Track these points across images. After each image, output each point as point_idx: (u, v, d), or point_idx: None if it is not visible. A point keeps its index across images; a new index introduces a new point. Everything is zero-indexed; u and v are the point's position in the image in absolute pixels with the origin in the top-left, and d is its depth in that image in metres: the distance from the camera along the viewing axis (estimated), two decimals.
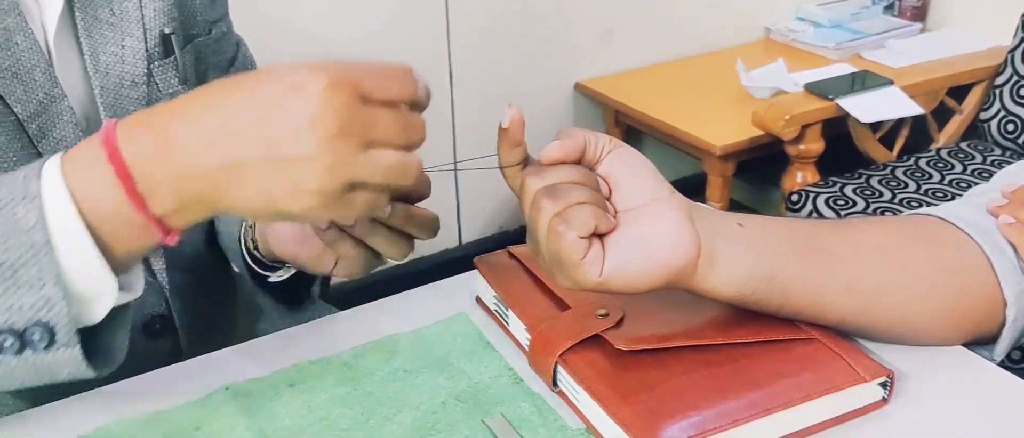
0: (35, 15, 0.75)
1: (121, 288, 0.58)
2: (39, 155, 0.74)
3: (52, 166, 0.55)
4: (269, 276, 0.83)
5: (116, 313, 0.60)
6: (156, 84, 0.81)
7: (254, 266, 0.82)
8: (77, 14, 0.77)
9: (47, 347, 0.56)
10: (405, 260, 0.70)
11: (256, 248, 0.81)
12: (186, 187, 0.55)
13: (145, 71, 0.80)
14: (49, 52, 0.75)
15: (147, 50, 0.80)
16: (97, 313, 0.58)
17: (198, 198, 0.55)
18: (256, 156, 0.53)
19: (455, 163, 0.65)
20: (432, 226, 0.68)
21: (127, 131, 0.55)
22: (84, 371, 0.58)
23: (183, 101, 0.55)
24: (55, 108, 0.74)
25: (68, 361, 0.57)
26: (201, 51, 0.88)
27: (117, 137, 0.55)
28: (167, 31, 0.81)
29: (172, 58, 0.82)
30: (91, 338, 0.59)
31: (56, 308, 0.55)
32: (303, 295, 0.87)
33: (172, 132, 0.54)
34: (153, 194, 0.55)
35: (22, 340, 0.56)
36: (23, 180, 0.55)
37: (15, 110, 0.72)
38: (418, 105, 0.58)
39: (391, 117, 0.55)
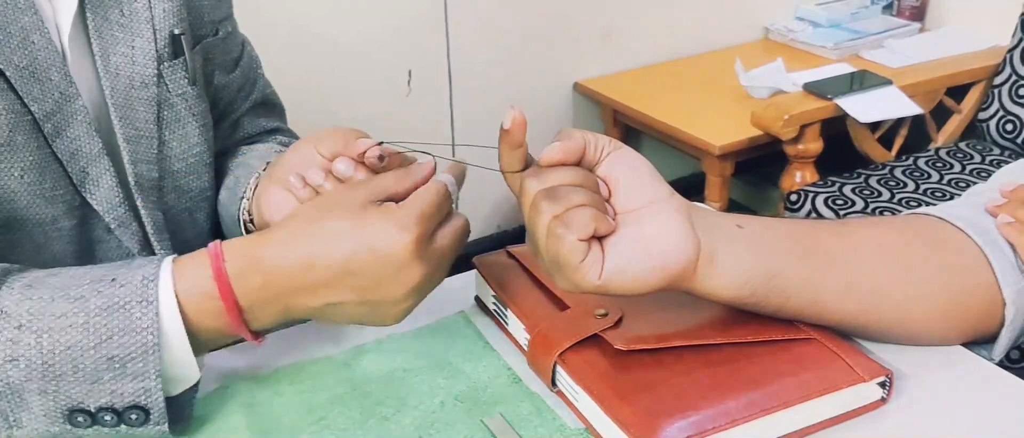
0: (49, 15, 0.75)
1: None
2: (53, 154, 0.74)
3: (166, 277, 0.63)
4: None
5: None
6: (166, 85, 0.81)
7: None
8: (88, 15, 0.77)
9: (141, 425, 0.63)
10: None
11: (251, 222, 0.82)
12: (286, 317, 0.66)
13: (155, 72, 0.80)
14: (64, 52, 0.75)
15: (157, 51, 0.80)
16: (176, 390, 0.65)
17: (294, 321, 0.67)
18: (353, 299, 0.64)
19: (453, 146, 0.70)
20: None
21: (236, 272, 0.63)
22: (165, 437, 0.65)
23: (284, 243, 0.64)
24: (70, 107, 0.75)
25: (155, 433, 0.64)
26: (209, 52, 0.88)
27: (229, 277, 0.63)
28: (177, 32, 0.81)
29: (181, 59, 0.82)
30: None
31: (154, 396, 0.62)
32: None
33: (278, 280, 0.63)
34: (255, 321, 0.65)
35: (120, 417, 0.63)
36: (141, 283, 0.62)
37: (32, 109, 0.72)
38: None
39: (452, 241, 0.66)
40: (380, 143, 0.71)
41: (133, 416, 0.62)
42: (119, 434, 0.64)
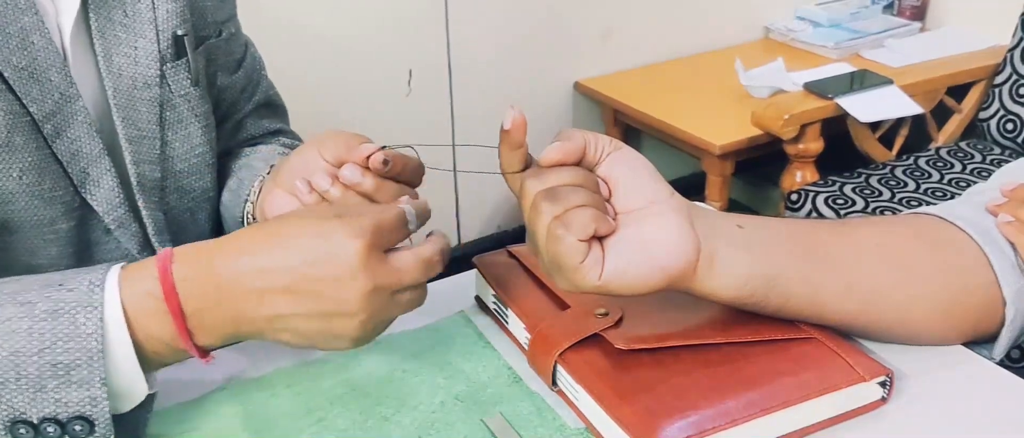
0: (51, 15, 0.75)
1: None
2: (53, 155, 0.74)
3: (113, 281, 0.61)
4: None
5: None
6: (169, 86, 0.81)
7: None
8: (91, 16, 0.77)
9: (86, 437, 0.61)
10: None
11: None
12: (234, 331, 0.63)
13: (158, 73, 0.80)
14: (65, 53, 0.75)
15: (160, 52, 0.80)
16: (124, 406, 0.63)
17: (242, 337, 0.64)
18: (302, 311, 0.61)
19: (454, 145, 0.69)
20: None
21: (184, 274, 0.61)
22: None
23: (238, 249, 0.62)
24: (70, 108, 0.74)
25: None
26: (212, 53, 0.88)
27: (174, 279, 0.61)
28: (180, 33, 0.81)
29: (184, 60, 0.82)
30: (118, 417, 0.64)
31: (99, 406, 0.60)
32: None
33: (228, 285, 0.61)
34: (201, 331, 0.62)
35: (63, 429, 0.60)
36: (88, 287, 0.60)
37: (31, 110, 0.72)
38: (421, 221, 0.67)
39: (412, 264, 0.63)
40: (383, 147, 0.71)
41: (77, 427, 0.60)
42: None
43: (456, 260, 0.68)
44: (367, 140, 0.73)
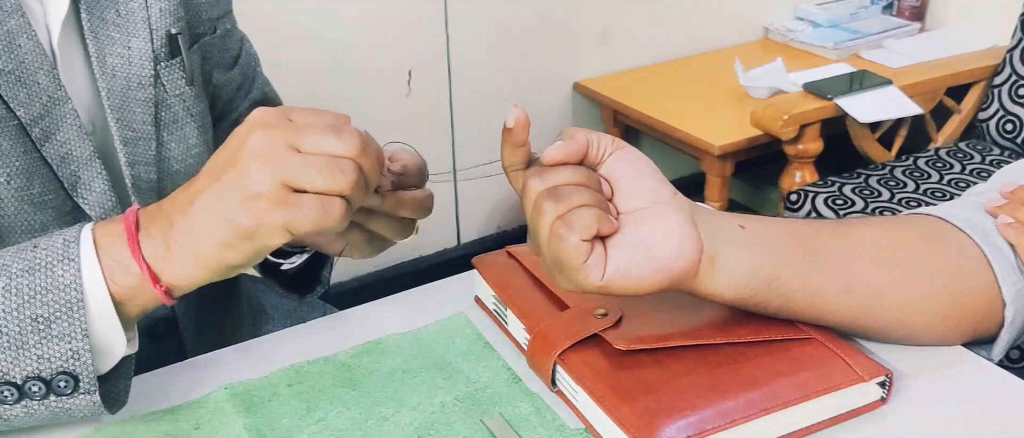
0: (39, 17, 0.74)
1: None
2: (42, 159, 0.74)
3: (87, 236, 0.62)
4: (282, 264, 0.83)
5: (121, 361, 0.65)
6: (163, 85, 0.81)
7: (268, 255, 0.82)
8: (83, 16, 0.76)
9: (71, 394, 0.61)
10: (412, 236, 0.72)
11: None
12: (170, 233, 0.62)
13: (152, 72, 0.80)
14: (53, 55, 0.75)
15: (153, 51, 0.79)
16: (105, 365, 0.64)
17: (181, 245, 0.62)
18: (207, 180, 0.61)
19: (454, 171, 0.68)
20: (425, 205, 0.71)
21: (148, 213, 0.64)
22: (99, 413, 0.63)
23: (186, 199, 0.63)
24: (58, 111, 0.74)
25: (87, 405, 0.62)
26: (207, 50, 0.88)
27: (141, 242, 0.62)
28: (173, 31, 0.80)
29: (178, 58, 0.81)
30: (100, 382, 0.64)
31: (82, 359, 0.61)
32: (314, 281, 0.87)
33: (170, 201, 0.64)
34: (147, 241, 0.63)
35: (49, 386, 0.61)
36: (63, 244, 0.61)
37: (18, 114, 0.71)
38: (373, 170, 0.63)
39: (313, 118, 0.61)
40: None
41: (62, 383, 0.60)
42: (49, 410, 0.62)
43: (456, 260, 0.68)
44: None
